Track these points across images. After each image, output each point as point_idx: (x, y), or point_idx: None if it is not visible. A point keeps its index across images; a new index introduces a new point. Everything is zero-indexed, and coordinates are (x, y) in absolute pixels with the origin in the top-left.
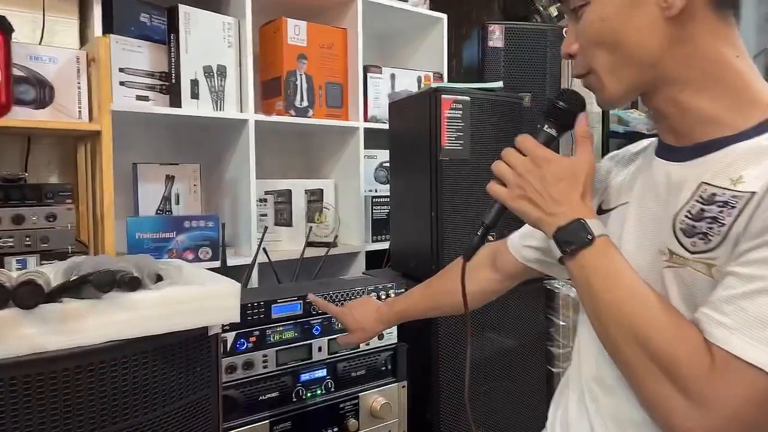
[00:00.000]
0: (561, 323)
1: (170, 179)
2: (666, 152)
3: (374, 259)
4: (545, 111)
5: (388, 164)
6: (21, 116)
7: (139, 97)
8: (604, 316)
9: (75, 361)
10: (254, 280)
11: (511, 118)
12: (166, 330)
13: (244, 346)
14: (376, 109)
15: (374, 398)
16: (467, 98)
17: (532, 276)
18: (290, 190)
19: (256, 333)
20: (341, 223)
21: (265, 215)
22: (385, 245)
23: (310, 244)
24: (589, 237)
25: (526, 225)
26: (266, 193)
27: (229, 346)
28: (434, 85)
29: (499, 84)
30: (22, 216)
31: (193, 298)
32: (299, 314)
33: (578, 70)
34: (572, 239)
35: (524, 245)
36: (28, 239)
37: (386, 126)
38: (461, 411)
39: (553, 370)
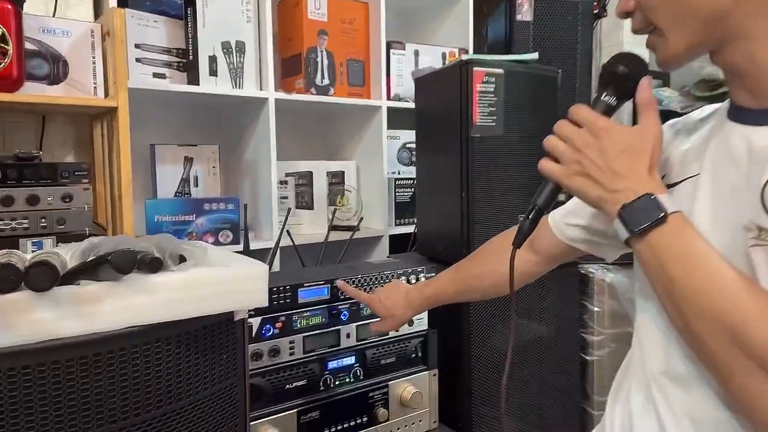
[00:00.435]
0: (596, 309)
1: (189, 161)
2: (742, 115)
3: (398, 243)
4: (602, 78)
5: (411, 145)
6: (33, 92)
7: (155, 75)
8: (684, 305)
9: (93, 348)
10: (276, 265)
11: (548, 93)
12: (189, 315)
13: (270, 333)
14: (399, 87)
15: (404, 387)
16: (500, 71)
17: (576, 257)
18: (311, 172)
19: (282, 318)
20: (364, 206)
21: (286, 198)
22: (409, 229)
23: (334, 227)
24: (661, 214)
25: (570, 201)
26: (287, 175)
27: (254, 332)
28: (465, 57)
29: (534, 55)
30: (36, 196)
31: (219, 281)
32: (326, 299)
33: (638, 25)
34: (640, 218)
35: (568, 224)
36: (43, 221)
37: (410, 105)
38: (494, 400)
39: (587, 357)
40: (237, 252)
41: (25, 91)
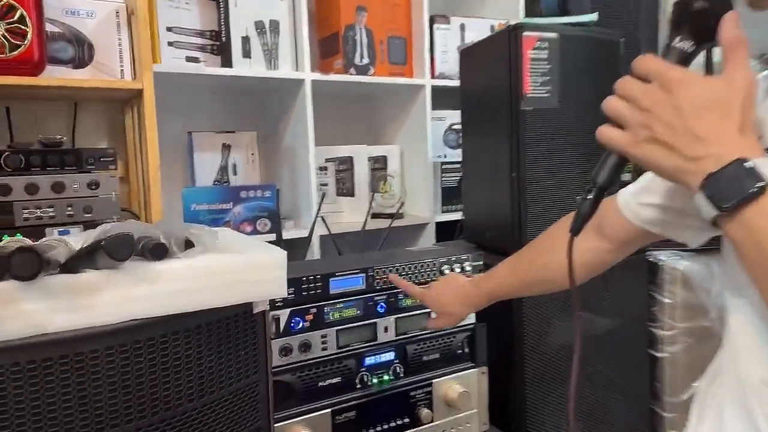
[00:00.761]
0: (666, 301)
1: (227, 148)
2: None
3: (445, 232)
4: (674, 19)
5: (458, 126)
6: (58, 76)
7: (189, 59)
8: None
9: (89, 344)
10: (316, 254)
11: (609, 60)
12: (199, 307)
13: (300, 326)
14: (444, 65)
15: (450, 385)
16: (554, 35)
17: (652, 242)
18: (352, 158)
19: (313, 311)
20: (408, 192)
21: (326, 185)
22: (457, 216)
23: (374, 215)
24: (758, 185)
25: (643, 177)
26: (327, 160)
27: (282, 325)
28: (513, 21)
29: (593, 17)
30: (62, 183)
31: (230, 269)
32: (361, 289)
33: None
34: (731, 190)
35: (641, 203)
36: (70, 209)
37: (456, 83)
38: (549, 400)
39: (656, 354)
40: (270, 242)
41: (50, 75)
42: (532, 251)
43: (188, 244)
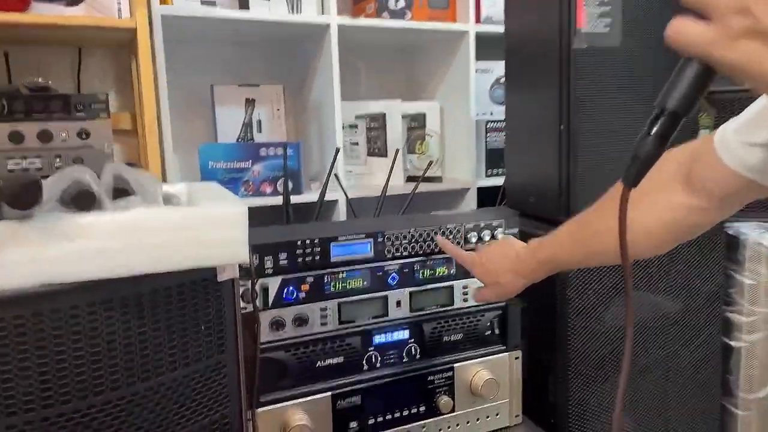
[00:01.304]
0: (747, 282)
1: (250, 103)
2: None
3: (488, 199)
4: None
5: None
6: (47, 13)
7: (203, 2)
8: None
9: None
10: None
11: None
12: (135, 270)
13: (294, 296)
14: (492, 8)
15: (476, 371)
16: None
17: (763, 197)
18: (384, 114)
19: (310, 280)
20: (447, 154)
21: (357, 144)
22: (502, 181)
23: (409, 178)
24: None
25: (749, 108)
26: (357, 117)
27: (271, 296)
28: None
29: None
30: (48, 132)
31: (173, 226)
32: (369, 257)
33: None
34: None
35: (746, 143)
36: (58, 160)
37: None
38: (597, 392)
39: (732, 343)
40: (275, 205)
41: (38, 12)
42: (594, 215)
43: (121, 193)
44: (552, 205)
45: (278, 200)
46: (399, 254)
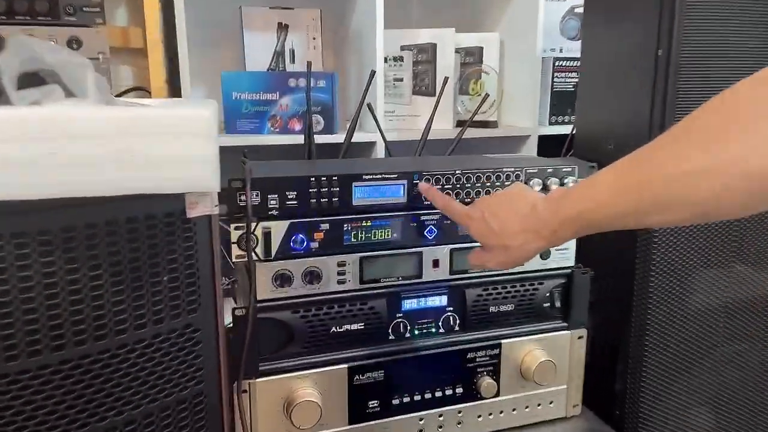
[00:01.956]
0: None
1: (283, 29)
2: None
3: (550, 150)
4: None
5: (582, 8)
6: None
7: None
8: None
9: None
10: None
11: None
12: (50, 193)
13: (304, 246)
14: None
15: (528, 350)
16: None
17: None
18: (434, 45)
19: (325, 227)
20: (506, 96)
21: (401, 80)
22: (569, 129)
23: (460, 122)
24: None
25: None
26: (402, 48)
27: (276, 244)
28: None
29: None
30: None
31: (103, 131)
32: (401, 203)
33: None
34: None
35: None
36: None
37: None
38: (675, 384)
39: None
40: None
41: None
42: (672, 144)
43: (33, 81)
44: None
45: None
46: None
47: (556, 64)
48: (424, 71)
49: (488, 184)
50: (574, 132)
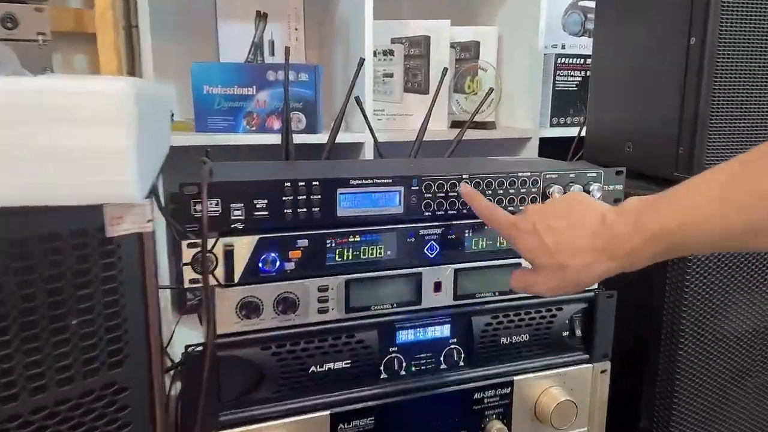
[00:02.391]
0: None
1: (262, 18)
2: None
3: (553, 154)
4: None
5: (587, 2)
6: None
7: None
8: None
9: None
10: None
11: None
12: None
13: (276, 267)
14: None
15: (544, 388)
16: None
17: None
18: (428, 38)
19: (303, 243)
20: (504, 95)
21: (391, 75)
22: (571, 132)
23: (455, 123)
24: None
25: None
26: (393, 41)
27: (241, 264)
28: None
29: None
30: None
31: None
32: (396, 213)
33: None
34: None
35: None
36: None
37: None
38: (710, 417)
39: None
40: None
41: None
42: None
43: None
44: (663, 155)
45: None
46: (442, 212)
47: (558, 61)
48: (417, 66)
49: (501, 191)
50: (582, 134)
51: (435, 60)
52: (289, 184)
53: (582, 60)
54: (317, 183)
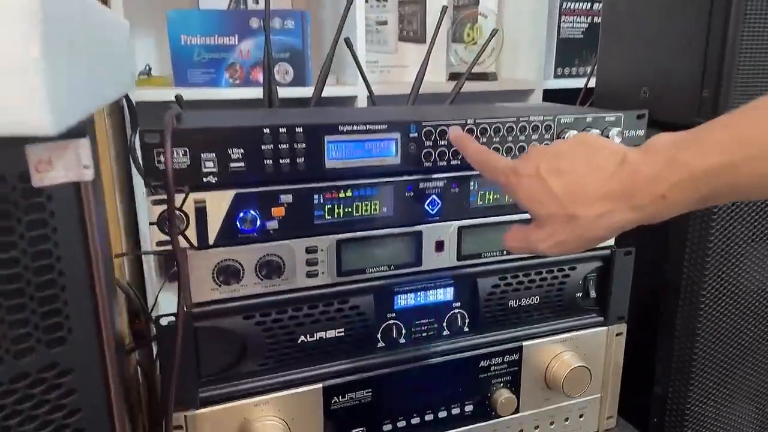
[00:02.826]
0: None
1: None
2: None
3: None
4: None
5: None
6: None
7: None
8: None
9: None
10: None
11: None
12: None
13: (257, 227)
14: None
15: (555, 353)
16: None
17: None
18: None
19: (287, 199)
20: (506, 44)
21: (384, 23)
22: (577, 83)
23: (453, 75)
24: None
25: None
26: None
27: (216, 224)
28: None
29: None
30: None
31: None
32: (393, 164)
33: None
34: None
35: None
36: None
37: None
38: (731, 380)
39: None
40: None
41: None
42: None
43: None
44: (684, 99)
45: (280, 92)
46: (444, 163)
47: (564, 6)
48: (412, 13)
49: (510, 139)
50: (591, 84)
51: (432, 6)
52: (268, 130)
53: (589, 5)
54: (301, 129)
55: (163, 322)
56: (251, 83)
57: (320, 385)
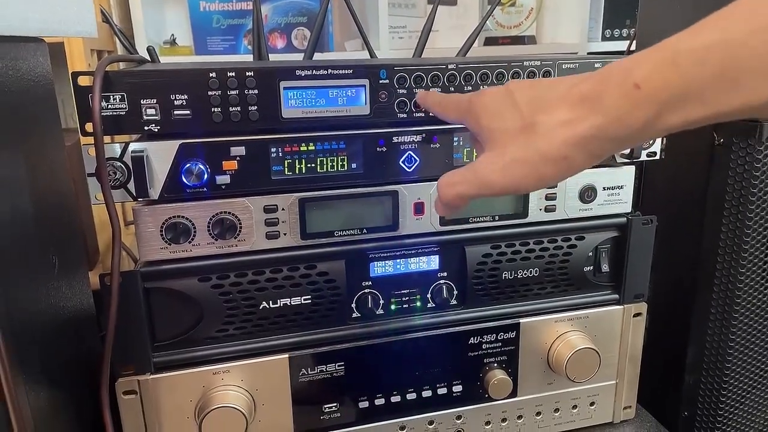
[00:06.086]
0: None
1: None
2: None
3: None
4: None
5: None
6: None
7: None
8: None
9: None
10: None
11: None
12: None
13: (205, 180)
14: None
15: (560, 333)
16: None
17: None
18: None
19: (239, 152)
20: (547, 5)
21: None
22: (624, 46)
23: (489, 40)
24: None
25: None
26: None
27: (160, 176)
28: None
29: None
30: None
31: None
32: (361, 115)
33: None
34: None
35: None
36: None
37: None
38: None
39: None
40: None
41: None
42: None
43: None
44: None
45: (296, 57)
46: (422, 114)
47: None
48: None
49: (500, 84)
50: (632, 46)
51: None
52: (214, 74)
53: None
54: (252, 74)
55: (108, 281)
56: (270, 50)
57: (286, 356)
